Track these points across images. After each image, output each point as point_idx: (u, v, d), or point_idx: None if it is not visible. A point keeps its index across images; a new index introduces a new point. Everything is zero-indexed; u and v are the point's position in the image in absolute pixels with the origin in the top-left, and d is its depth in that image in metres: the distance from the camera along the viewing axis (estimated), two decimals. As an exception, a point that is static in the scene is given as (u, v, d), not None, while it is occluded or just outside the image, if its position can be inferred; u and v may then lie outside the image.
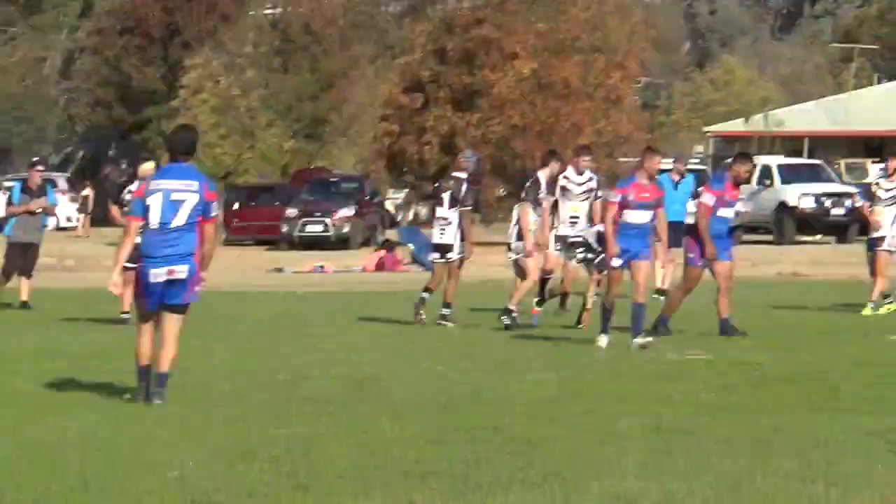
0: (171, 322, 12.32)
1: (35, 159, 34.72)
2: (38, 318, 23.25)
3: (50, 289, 26.64)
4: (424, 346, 19.93)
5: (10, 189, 27.28)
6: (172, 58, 58.01)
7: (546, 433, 10.89)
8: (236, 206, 48.88)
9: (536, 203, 21.59)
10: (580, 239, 20.55)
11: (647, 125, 55.53)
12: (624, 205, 17.30)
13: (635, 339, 17.12)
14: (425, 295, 22.58)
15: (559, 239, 22.08)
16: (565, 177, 22.34)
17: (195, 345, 18.22)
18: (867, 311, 23.04)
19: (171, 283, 12.12)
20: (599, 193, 22.94)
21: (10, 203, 24.12)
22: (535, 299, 23.02)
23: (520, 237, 21.44)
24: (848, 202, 39.96)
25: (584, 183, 22.25)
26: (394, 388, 14.67)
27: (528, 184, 21.74)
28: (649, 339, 17.26)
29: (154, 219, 11.97)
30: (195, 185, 12.25)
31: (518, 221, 21.59)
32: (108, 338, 18.98)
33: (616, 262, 17.26)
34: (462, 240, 22.07)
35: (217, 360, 17.96)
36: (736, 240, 23.51)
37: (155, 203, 12.02)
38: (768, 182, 44.66)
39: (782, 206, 43.62)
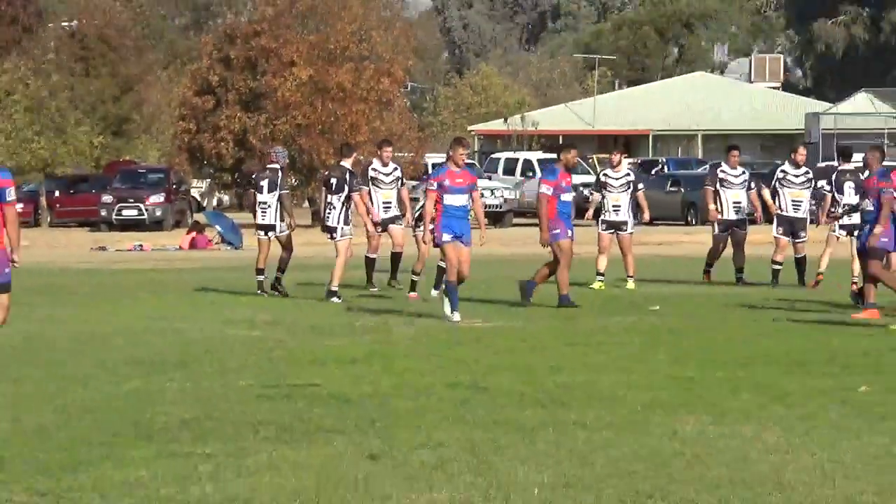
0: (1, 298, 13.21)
1: None
2: None
3: None
4: (241, 315, 20.82)
5: None
6: (-17, 64, 73.23)
7: (356, 390, 11.94)
8: (57, 193, 54.04)
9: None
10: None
11: (417, 125, 61.19)
12: (442, 190, 19.15)
13: (451, 313, 18.23)
14: (278, 274, 24.03)
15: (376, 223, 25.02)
16: (374, 169, 25.05)
17: (40, 314, 20.11)
18: (630, 286, 25.16)
19: None
20: (404, 181, 26.69)
21: None
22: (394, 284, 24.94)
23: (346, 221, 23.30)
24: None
25: (391, 173, 24.90)
26: (218, 350, 15.64)
27: (347, 175, 22.67)
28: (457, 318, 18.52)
29: None
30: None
31: (355, 207, 23.13)
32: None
33: (446, 238, 18.70)
34: (282, 219, 23.95)
35: (60, 326, 18.89)
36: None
37: None
38: (531, 174, 51.56)
39: (545, 194, 55.43)
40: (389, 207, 25.09)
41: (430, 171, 27.32)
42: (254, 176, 26.31)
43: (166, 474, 7.84)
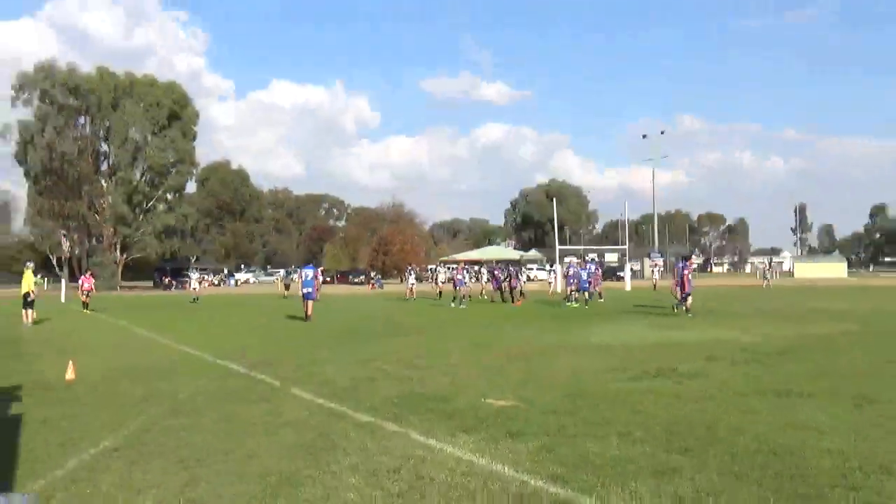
0: (310, 304, 21.02)
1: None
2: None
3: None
4: (397, 303, 29.10)
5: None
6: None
7: (421, 321, 18.84)
8: (339, 276, 77.34)
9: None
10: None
11: (427, 258, 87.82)
12: (460, 274, 27.93)
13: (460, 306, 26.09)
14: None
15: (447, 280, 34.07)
16: (437, 266, 36.93)
17: (338, 305, 29.72)
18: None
19: (307, 293, 21.02)
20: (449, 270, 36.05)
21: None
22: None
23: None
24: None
25: (445, 270, 36.76)
26: (385, 312, 23.92)
27: (412, 270, 36.52)
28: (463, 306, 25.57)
29: (303, 278, 21.36)
30: (312, 269, 21.65)
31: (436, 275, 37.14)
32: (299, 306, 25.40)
33: (463, 287, 27.74)
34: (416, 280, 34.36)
35: (341, 314, 25.82)
36: None
37: (303, 273, 21.67)
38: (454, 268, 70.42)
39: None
40: (444, 280, 36.39)
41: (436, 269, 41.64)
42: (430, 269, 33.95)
43: (348, 354, 13.94)
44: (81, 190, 62.46)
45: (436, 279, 37.72)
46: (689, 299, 20.54)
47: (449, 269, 43.05)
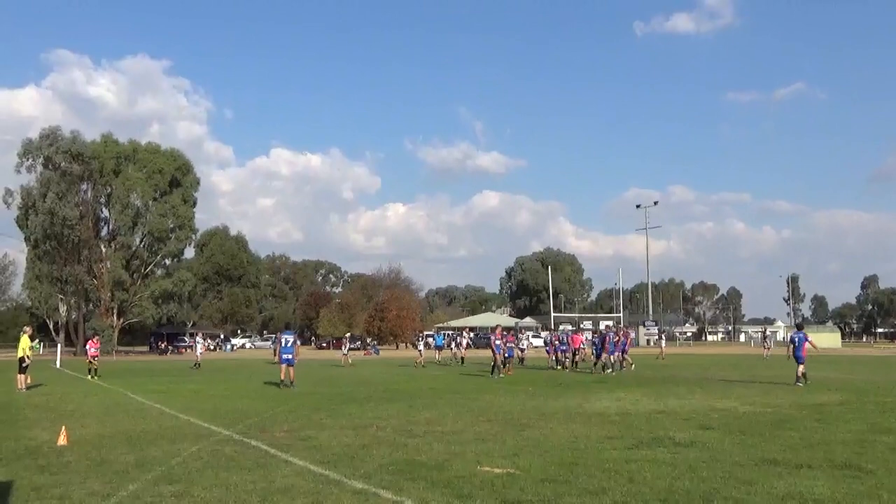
0: (291, 369, 19.85)
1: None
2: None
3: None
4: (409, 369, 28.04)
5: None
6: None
7: (424, 386, 17.82)
8: (333, 342, 71.60)
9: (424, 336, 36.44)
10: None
11: (421, 321, 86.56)
12: (495, 337, 25.23)
13: (493, 375, 23.65)
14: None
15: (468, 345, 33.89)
16: (462, 332, 37.45)
17: (321, 373, 28.72)
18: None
19: (288, 359, 20.03)
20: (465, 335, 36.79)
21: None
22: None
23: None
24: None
25: (466, 334, 37.04)
26: (385, 378, 22.76)
27: (419, 334, 34.85)
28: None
29: (283, 343, 20.30)
30: (292, 335, 20.59)
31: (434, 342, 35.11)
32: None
33: (498, 354, 24.95)
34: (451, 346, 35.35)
35: (316, 380, 25.25)
36: None
37: (283, 339, 20.47)
38: (457, 334, 69.35)
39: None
40: (460, 343, 36.72)
41: (435, 335, 41.76)
42: (434, 333, 35.45)
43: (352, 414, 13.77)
44: (81, 255, 62.48)
45: (460, 344, 38.15)
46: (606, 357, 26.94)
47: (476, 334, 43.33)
